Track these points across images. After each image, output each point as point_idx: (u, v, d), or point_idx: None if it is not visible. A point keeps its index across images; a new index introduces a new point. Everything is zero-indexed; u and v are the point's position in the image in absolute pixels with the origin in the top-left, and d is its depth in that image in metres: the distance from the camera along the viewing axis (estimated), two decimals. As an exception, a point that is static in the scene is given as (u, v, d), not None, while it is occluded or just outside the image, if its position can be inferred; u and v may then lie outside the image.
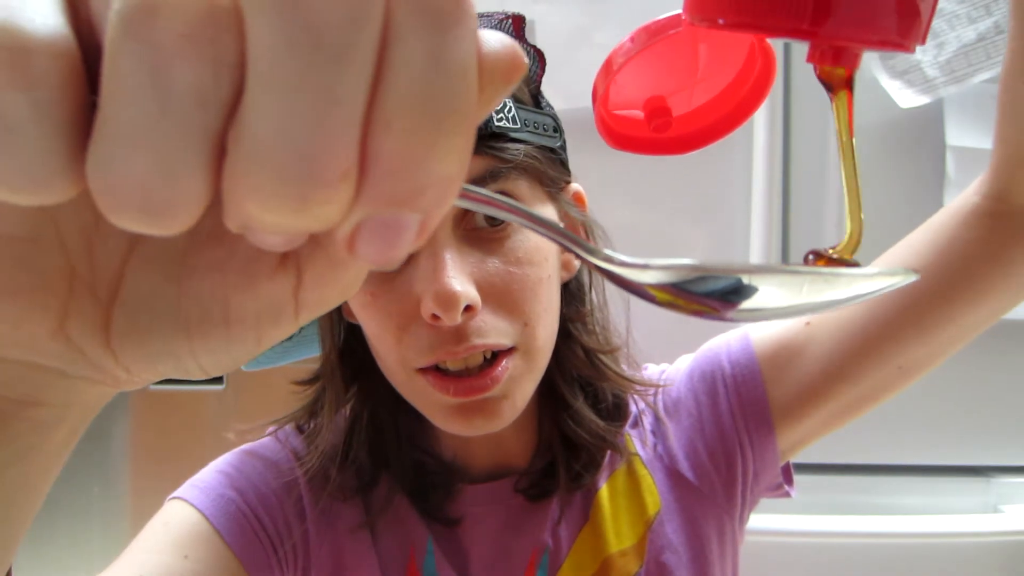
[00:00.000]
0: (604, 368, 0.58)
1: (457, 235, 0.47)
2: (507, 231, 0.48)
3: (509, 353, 0.48)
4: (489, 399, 0.48)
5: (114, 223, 0.15)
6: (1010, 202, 0.48)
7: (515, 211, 0.22)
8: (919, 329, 0.51)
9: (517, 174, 0.48)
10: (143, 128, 0.14)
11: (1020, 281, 0.50)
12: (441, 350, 0.46)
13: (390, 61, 0.15)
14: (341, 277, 0.20)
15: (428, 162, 0.15)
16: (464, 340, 0.46)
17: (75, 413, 0.22)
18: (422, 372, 0.48)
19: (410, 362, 0.48)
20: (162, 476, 0.59)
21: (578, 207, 0.56)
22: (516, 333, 0.48)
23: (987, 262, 0.49)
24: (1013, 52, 0.45)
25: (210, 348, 0.20)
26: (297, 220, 0.15)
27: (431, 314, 0.45)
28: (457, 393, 0.47)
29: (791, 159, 1.03)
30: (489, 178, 0.46)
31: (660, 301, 0.22)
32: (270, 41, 0.14)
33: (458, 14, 0.15)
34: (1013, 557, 0.99)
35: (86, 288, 0.20)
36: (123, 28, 0.14)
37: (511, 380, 0.48)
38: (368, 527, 0.56)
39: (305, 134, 0.14)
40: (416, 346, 0.47)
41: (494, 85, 0.17)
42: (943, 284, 0.50)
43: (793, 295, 0.22)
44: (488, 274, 0.47)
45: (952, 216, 0.51)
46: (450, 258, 0.45)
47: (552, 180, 0.52)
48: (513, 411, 0.50)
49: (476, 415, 0.48)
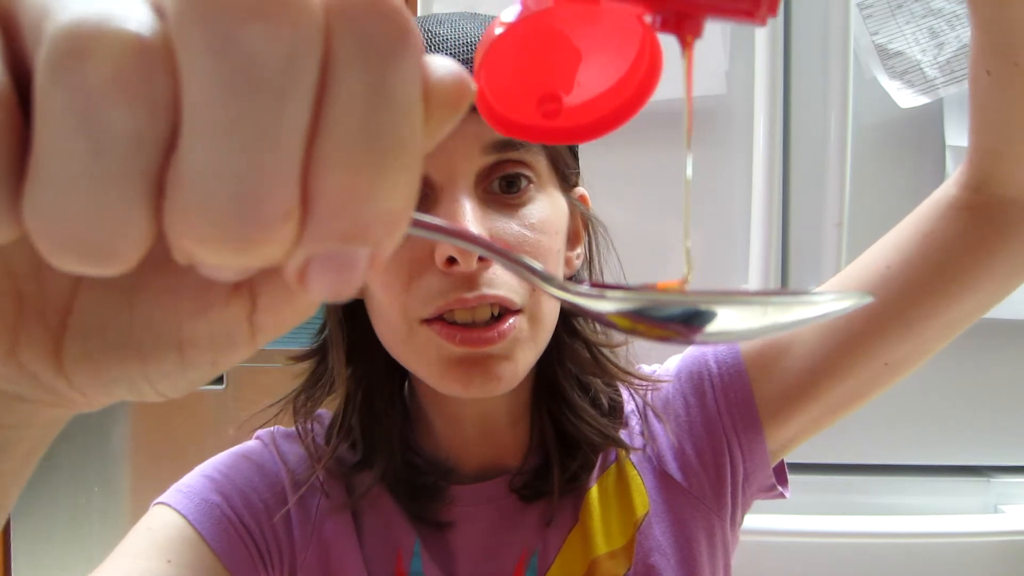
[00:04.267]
0: (607, 363, 0.58)
1: (476, 194, 0.47)
2: (523, 198, 0.48)
3: (516, 314, 0.48)
4: (492, 356, 0.48)
5: (55, 266, 0.15)
6: (987, 193, 0.49)
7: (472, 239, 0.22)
8: (904, 324, 0.51)
9: (539, 149, 0.48)
10: (77, 171, 0.14)
11: (1003, 272, 0.50)
12: (452, 296, 0.46)
13: (330, 96, 0.15)
14: (297, 301, 0.20)
15: (373, 198, 0.15)
16: (475, 287, 0.46)
17: (31, 434, 0.22)
18: (427, 323, 0.48)
19: (416, 312, 0.47)
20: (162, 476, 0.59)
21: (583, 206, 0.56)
22: (525, 294, 0.48)
23: (967, 254, 0.49)
24: (976, 43, 0.45)
25: (164, 373, 0.20)
26: (239, 259, 0.15)
27: (447, 258, 0.45)
28: (463, 342, 0.47)
29: (791, 159, 1.03)
30: (516, 144, 0.47)
31: (622, 328, 0.22)
32: (204, 82, 0.14)
33: (401, 44, 0.15)
34: (1013, 557, 0.99)
35: (35, 313, 0.19)
36: (52, 72, 0.14)
37: (515, 341, 0.48)
38: (355, 524, 0.56)
39: (243, 176, 0.14)
40: (426, 293, 0.47)
41: (440, 114, 0.16)
42: (925, 277, 0.50)
43: (757, 318, 0.22)
44: (503, 232, 0.47)
45: (931, 208, 0.51)
46: (471, 206, 0.46)
47: (567, 166, 0.52)
48: (513, 376, 0.49)
49: (476, 372, 0.48)
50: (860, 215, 0.99)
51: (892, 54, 0.98)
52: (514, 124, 0.33)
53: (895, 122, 1.00)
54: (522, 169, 0.48)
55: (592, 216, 0.57)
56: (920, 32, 0.97)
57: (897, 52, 0.98)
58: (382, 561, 0.55)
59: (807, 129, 1.02)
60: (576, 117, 0.34)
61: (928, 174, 1.00)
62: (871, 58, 0.99)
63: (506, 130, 0.33)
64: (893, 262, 0.51)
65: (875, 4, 0.98)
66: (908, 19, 0.97)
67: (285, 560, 0.54)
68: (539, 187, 0.49)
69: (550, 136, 0.34)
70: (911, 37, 0.97)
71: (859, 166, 0.99)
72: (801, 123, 1.03)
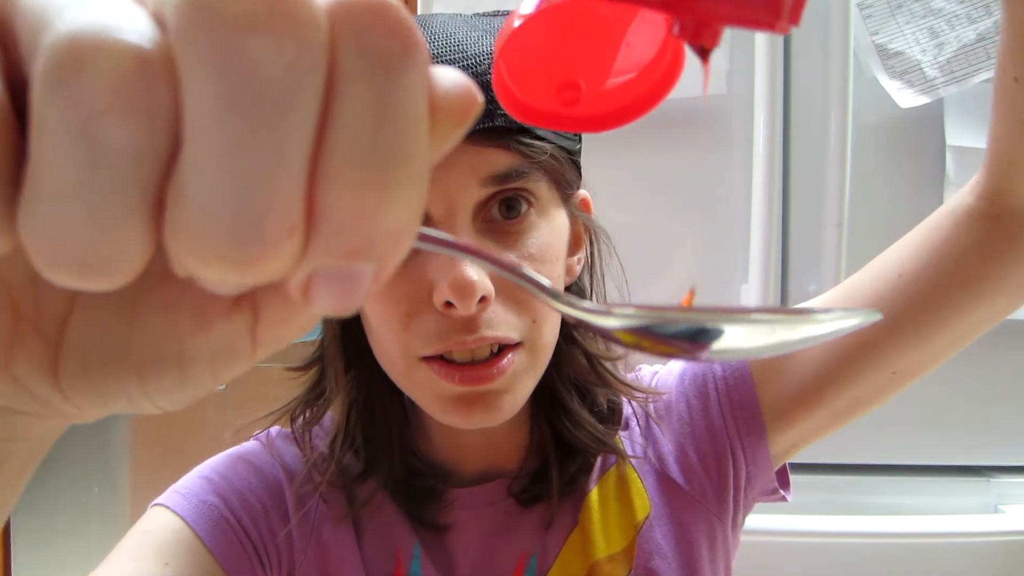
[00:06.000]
0: (606, 374, 0.57)
1: (475, 226, 0.47)
2: (523, 224, 0.48)
3: (515, 348, 0.48)
4: (491, 391, 0.48)
5: (51, 281, 0.15)
6: (1003, 203, 0.48)
7: (478, 253, 0.22)
8: (914, 333, 0.51)
9: (540, 175, 0.48)
10: (74, 185, 0.14)
11: (1016, 283, 0.49)
12: (450, 339, 0.46)
13: (335, 111, 0.14)
14: (300, 316, 0.19)
15: (378, 214, 0.15)
16: (475, 330, 0.46)
17: (26, 446, 0.21)
18: (426, 361, 0.48)
19: (415, 350, 0.47)
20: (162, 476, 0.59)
21: (584, 213, 0.56)
22: (524, 328, 0.48)
23: (981, 264, 0.49)
24: (1005, 49, 0.44)
25: (163, 388, 0.19)
26: (241, 276, 0.15)
27: (444, 302, 0.45)
28: (462, 381, 0.47)
29: (791, 159, 1.03)
30: (514, 175, 0.46)
31: (626, 343, 0.22)
32: (206, 96, 0.14)
33: (406, 56, 0.15)
34: (1013, 557, 0.99)
35: (31, 326, 0.19)
36: (49, 85, 0.13)
37: (515, 375, 0.48)
38: (353, 527, 0.55)
39: (246, 192, 0.14)
40: (424, 334, 0.47)
41: (446, 127, 0.16)
42: (938, 286, 0.49)
43: (764, 336, 0.22)
44: None
45: (946, 217, 0.50)
46: None
47: (568, 183, 0.51)
48: (513, 407, 0.49)
49: (476, 407, 0.48)
50: (860, 215, 0.99)
51: (892, 54, 0.98)
52: (532, 111, 0.33)
53: (895, 122, 1.00)
54: (522, 193, 0.48)
55: (594, 224, 0.57)
56: (920, 32, 0.97)
57: (897, 52, 0.98)
58: (381, 563, 0.55)
59: (807, 129, 1.02)
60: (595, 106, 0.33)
61: (928, 174, 1.00)
62: (871, 58, 0.99)
63: (524, 117, 0.33)
64: (905, 270, 0.51)
65: (875, 4, 0.98)
66: (908, 19, 0.97)
67: (283, 562, 0.54)
68: (539, 211, 0.49)
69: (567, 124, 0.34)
70: (911, 37, 0.97)
71: (859, 166, 0.99)
72: (801, 123, 1.02)
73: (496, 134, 0.45)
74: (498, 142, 0.45)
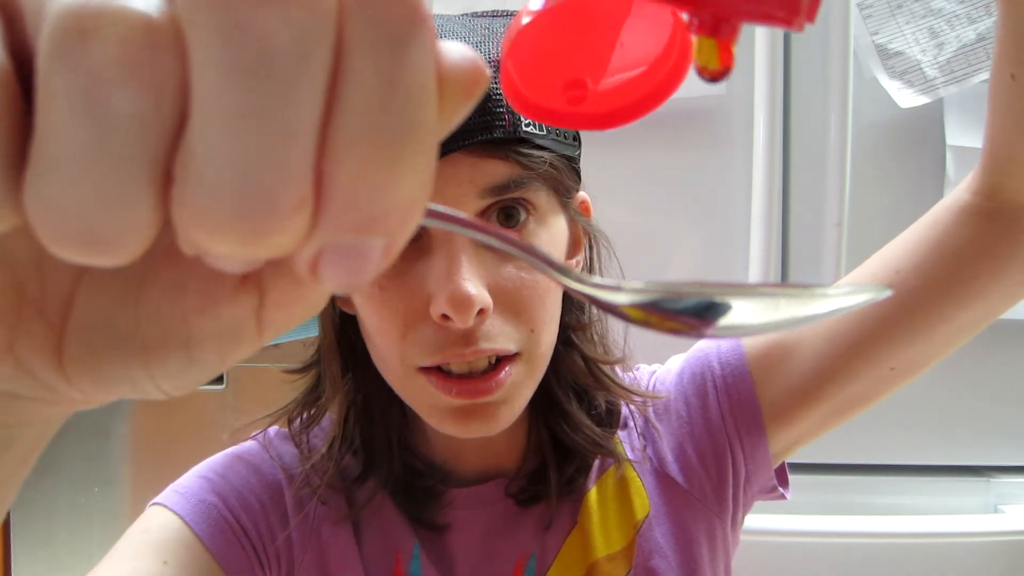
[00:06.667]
0: (603, 378, 0.57)
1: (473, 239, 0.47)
2: (521, 233, 0.48)
3: (513, 359, 0.48)
4: (489, 403, 0.48)
5: (56, 255, 0.14)
6: (1000, 199, 0.48)
7: (485, 230, 0.22)
8: (911, 329, 0.51)
9: (539, 184, 0.47)
10: (81, 157, 0.13)
11: (1013, 280, 0.49)
12: (448, 351, 0.46)
13: (344, 82, 0.14)
14: (307, 296, 0.19)
15: (388, 187, 0.15)
16: (472, 343, 0.46)
17: (30, 432, 0.21)
18: (423, 371, 0.48)
19: (412, 360, 0.47)
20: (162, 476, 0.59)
21: (584, 215, 0.56)
22: (522, 339, 0.48)
23: (979, 260, 0.49)
24: (1001, 46, 0.44)
25: (169, 371, 0.19)
26: (249, 250, 0.14)
27: (441, 315, 0.44)
28: (460, 395, 0.47)
29: (791, 159, 1.03)
30: (513, 186, 0.46)
31: (634, 319, 0.22)
32: (214, 66, 0.13)
33: (413, 25, 0.15)
34: (1013, 557, 0.99)
35: (35, 309, 0.18)
36: (55, 53, 0.13)
37: (513, 386, 0.48)
38: (353, 527, 0.55)
39: (255, 163, 0.14)
40: (421, 345, 0.47)
41: (455, 101, 0.16)
42: (936, 282, 0.50)
43: (770, 312, 0.22)
44: (501, 279, 0.47)
45: (944, 213, 0.51)
46: (466, 260, 0.45)
47: (567, 189, 0.51)
48: (511, 416, 0.49)
49: (474, 418, 0.48)
50: (860, 215, 0.99)
51: (892, 54, 0.98)
52: (539, 108, 0.33)
53: (895, 122, 1.00)
54: (521, 202, 0.47)
55: (593, 227, 0.57)
56: (920, 32, 0.97)
57: (897, 52, 0.98)
58: (381, 563, 0.55)
59: (807, 129, 1.02)
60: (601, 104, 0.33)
61: (928, 174, 1.00)
62: (871, 58, 0.98)
63: (531, 114, 0.33)
64: (903, 267, 0.51)
65: (875, 4, 0.98)
66: (908, 19, 0.97)
67: (283, 562, 0.54)
68: (538, 219, 0.49)
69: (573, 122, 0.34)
70: (911, 37, 0.97)
71: (859, 166, 0.99)
72: (801, 123, 1.02)
73: (494, 145, 0.45)
74: (496, 153, 0.45)
